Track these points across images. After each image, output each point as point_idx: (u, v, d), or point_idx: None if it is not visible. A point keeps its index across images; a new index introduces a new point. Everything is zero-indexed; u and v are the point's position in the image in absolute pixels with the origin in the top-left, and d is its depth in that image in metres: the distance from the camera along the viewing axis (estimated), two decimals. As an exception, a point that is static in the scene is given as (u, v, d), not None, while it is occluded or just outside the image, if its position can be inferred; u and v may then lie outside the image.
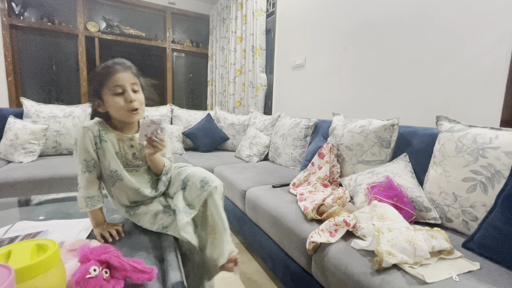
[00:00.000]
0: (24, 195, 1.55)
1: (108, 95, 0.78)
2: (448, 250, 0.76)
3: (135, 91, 0.80)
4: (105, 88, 0.77)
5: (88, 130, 0.79)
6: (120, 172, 0.83)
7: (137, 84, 0.82)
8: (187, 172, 0.86)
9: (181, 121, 2.62)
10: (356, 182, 1.22)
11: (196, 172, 0.85)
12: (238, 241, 1.69)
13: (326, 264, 0.83)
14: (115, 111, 0.79)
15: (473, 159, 0.90)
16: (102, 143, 0.81)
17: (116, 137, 0.83)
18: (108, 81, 0.77)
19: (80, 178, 0.81)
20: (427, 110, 1.35)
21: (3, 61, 2.87)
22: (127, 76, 0.78)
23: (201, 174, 0.84)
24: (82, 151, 0.80)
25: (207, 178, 0.82)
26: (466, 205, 0.89)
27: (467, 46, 1.18)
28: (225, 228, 0.82)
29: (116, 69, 0.77)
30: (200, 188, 0.81)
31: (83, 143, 0.79)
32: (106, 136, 0.82)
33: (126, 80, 0.78)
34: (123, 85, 0.77)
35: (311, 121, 1.87)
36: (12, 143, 1.83)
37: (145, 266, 0.60)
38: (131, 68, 0.81)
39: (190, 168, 0.89)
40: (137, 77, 0.82)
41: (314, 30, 2.12)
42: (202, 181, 0.82)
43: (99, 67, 0.79)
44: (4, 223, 0.88)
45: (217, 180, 0.84)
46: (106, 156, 0.82)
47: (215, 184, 0.82)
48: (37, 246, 0.46)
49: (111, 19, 3.42)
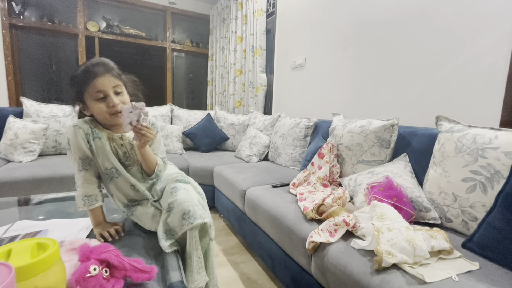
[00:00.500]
0: (24, 195, 1.55)
1: (90, 100, 0.77)
2: (447, 250, 0.76)
3: (118, 93, 0.79)
4: (86, 94, 0.76)
5: (79, 129, 0.79)
6: (117, 168, 0.83)
7: (120, 85, 0.80)
8: (176, 197, 0.79)
9: (181, 121, 2.62)
10: (355, 182, 1.22)
11: (183, 201, 0.77)
12: (238, 241, 1.69)
13: (326, 264, 0.84)
14: (99, 115, 0.79)
15: (472, 159, 0.90)
16: (95, 140, 0.81)
17: (106, 135, 0.83)
18: (89, 87, 0.75)
19: (77, 177, 0.81)
20: (427, 111, 1.35)
21: (3, 61, 2.87)
22: (107, 80, 0.76)
23: (187, 206, 0.76)
24: (76, 150, 0.79)
25: (191, 213, 0.75)
26: (466, 205, 0.90)
27: (467, 46, 1.18)
28: (198, 266, 0.76)
29: (96, 74, 0.75)
30: (182, 220, 0.75)
31: (76, 141, 0.79)
32: (98, 133, 0.81)
33: (107, 85, 0.76)
34: (104, 91, 0.76)
35: (311, 121, 1.87)
36: (12, 143, 1.83)
37: (145, 265, 0.60)
38: (112, 70, 0.79)
39: (181, 194, 0.80)
40: (119, 78, 0.80)
41: (314, 30, 2.12)
42: (185, 214, 0.75)
43: (79, 70, 0.77)
44: (4, 222, 0.88)
45: (201, 217, 0.76)
46: (100, 152, 0.81)
47: (197, 222, 0.74)
48: (37, 245, 0.46)
49: (111, 19, 3.42)
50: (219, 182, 1.83)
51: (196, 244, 0.77)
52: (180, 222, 0.76)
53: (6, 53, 2.87)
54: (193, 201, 0.79)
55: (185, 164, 2.06)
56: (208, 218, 0.79)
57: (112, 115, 0.78)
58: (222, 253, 1.54)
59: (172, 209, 0.78)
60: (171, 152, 2.40)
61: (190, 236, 0.76)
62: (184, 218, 0.75)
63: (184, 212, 0.76)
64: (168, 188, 0.86)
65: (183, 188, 0.83)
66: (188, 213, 0.76)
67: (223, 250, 1.57)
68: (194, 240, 0.76)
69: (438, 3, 1.28)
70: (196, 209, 0.77)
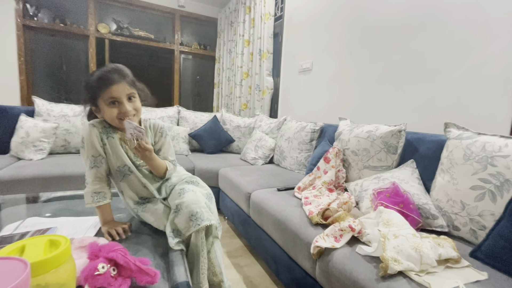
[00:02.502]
0: (33, 192, 1.58)
1: (103, 105, 0.79)
2: (455, 259, 0.75)
3: (131, 100, 0.82)
4: (100, 99, 0.79)
5: (94, 127, 0.82)
6: (129, 166, 0.86)
7: (133, 92, 0.82)
8: (184, 199, 0.81)
9: (188, 123, 2.64)
10: (362, 188, 1.21)
11: (190, 203, 0.79)
12: (242, 243, 1.69)
13: (331, 269, 0.83)
14: (109, 119, 0.81)
15: (481, 167, 0.89)
16: (109, 139, 0.84)
17: (118, 136, 0.86)
18: (103, 93, 0.78)
19: (88, 174, 0.84)
20: (435, 117, 1.34)
21: (16, 60, 2.95)
22: (122, 88, 0.79)
23: (194, 208, 0.78)
24: (90, 147, 0.82)
25: (198, 214, 0.77)
26: (474, 214, 0.88)
27: (476, 52, 1.17)
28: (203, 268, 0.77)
29: (111, 81, 0.77)
30: (189, 221, 0.77)
31: (90, 139, 0.81)
32: (112, 133, 0.84)
33: (121, 92, 0.79)
34: (118, 97, 0.78)
35: (317, 125, 1.87)
36: (23, 141, 1.87)
37: (149, 268, 0.60)
38: (127, 77, 0.81)
39: (189, 195, 0.82)
40: (132, 86, 0.82)
41: (321, 34, 2.13)
42: (192, 216, 0.77)
43: (95, 75, 0.79)
44: (14, 219, 0.90)
45: (208, 219, 0.77)
46: (113, 151, 0.84)
47: (204, 223, 0.76)
48: (49, 241, 0.47)
49: (121, 21, 3.48)
50: (224, 184, 1.84)
51: (202, 246, 0.78)
52: (187, 224, 0.77)
53: (19, 53, 2.95)
54: (200, 203, 0.80)
55: (190, 165, 2.08)
56: (214, 220, 0.80)
57: (121, 120, 0.80)
58: (226, 256, 1.54)
59: (180, 210, 0.79)
60: (177, 153, 2.42)
61: (196, 238, 0.77)
62: (191, 219, 0.77)
63: (192, 213, 0.77)
64: (176, 188, 0.87)
65: (191, 190, 0.85)
66: (195, 214, 0.77)
67: (227, 253, 1.57)
68: (200, 241, 0.77)
69: (447, 8, 1.28)
70: (203, 211, 0.79)
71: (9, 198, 1.16)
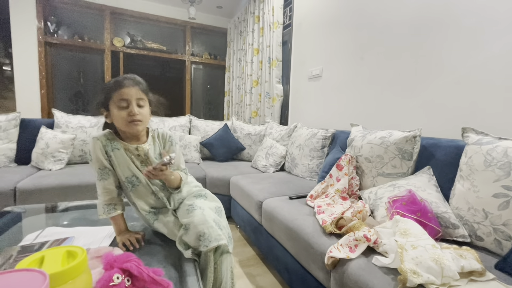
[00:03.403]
0: (52, 201, 1.64)
1: (113, 107, 0.81)
2: (479, 272, 0.71)
3: (140, 106, 0.83)
4: (111, 101, 0.81)
5: (97, 140, 0.84)
6: (138, 176, 0.86)
7: (144, 99, 0.84)
8: (192, 219, 0.80)
9: (199, 131, 2.68)
10: (376, 196, 1.18)
11: (198, 223, 0.79)
12: (254, 252, 1.67)
13: (346, 280, 0.81)
14: (118, 122, 0.82)
15: (504, 173, 0.85)
16: (114, 151, 0.85)
17: (123, 147, 0.86)
18: (115, 94, 0.80)
19: (98, 185, 0.85)
20: (450, 121, 1.30)
21: (37, 76, 3.11)
22: (133, 91, 0.81)
23: (202, 229, 0.78)
24: (95, 160, 0.84)
25: (206, 235, 0.77)
26: (498, 223, 0.84)
27: (494, 52, 1.13)
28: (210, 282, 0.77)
29: (124, 84, 0.80)
30: (198, 241, 0.77)
31: (94, 153, 0.83)
32: (116, 145, 0.85)
33: (132, 95, 0.81)
34: (128, 99, 0.80)
35: (329, 132, 1.85)
36: (43, 152, 1.95)
37: (162, 279, 0.61)
38: (140, 84, 0.84)
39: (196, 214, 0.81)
40: (144, 93, 0.85)
41: (331, 40, 2.13)
42: (201, 237, 0.77)
43: (112, 80, 0.83)
44: (34, 228, 0.94)
45: (216, 240, 0.77)
46: (119, 162, 0.85)
47: (212, 245, 0.76)
48: (67, 252, 0.49)
49: (135, 35, 3.62)
50: (236, 192, 1.84)
51: (210, 263, 0.78)
52: (196, 243, 0.77)
53: (41, 68, 3.11)
54: (209, 223, 0.80)
55: (202, 173, 2.09)
56: (224, 240, 0.79)
57: (129, 123, 0.81)
58: (238, 265, 1.53)
59: (188, 230, 0.80)
60: (189, 161, 2.45)
61: (204, 257, 0.78)
62: (200, 239, 0.77)
63: (200, 234, 0.77)
64: (185, 204, 0.88)
65: (199, 207, 0.85)
66: (203, 235, 0.77)
67: (239, 262, 1.56)
68: (209, 259, 0.78)
69: (459, 9, 1.25)
70: (211, 231, 0.78)
71: (30, 208, 1.21)
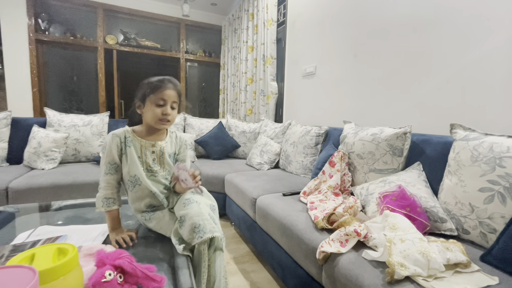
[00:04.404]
0: (45, 200, 1.63)
1: (151, 103, 0.89)
2: (464, 263, 0.73)
3: (173, 108, 0.92)
4: (152, 96, 0.88)
5: (116, 137, 0.89)
6: (139, 176, 0.90)
7: (177, 103, 0.93)
8: (188, 211, 0.82)
9: (194, 129, 2.68)
10: (367, 191, 1.20)
11: (194, 215, 0.80)
12: (248, 249, 1.69)
13: (337, 274, 0.82)
14: (150, 117, 0.89)
15: (490, 168, 0.87)
16: (126, 148, 0.90)
17: (139, 143, 0.91)
18: (157, 92, 0.88)
19: (102, 179, 0.89)
20: (441, 118, 1.32)
21: (29, 74, 3.06)
22: (172, 94, 0.91)
23: (197, 221, 0.79)
24: (108, 154, 0.88)
25: (201, 227, 0.78)
26: (484, 216, 0.86)
27: (482, 50, 1.16)
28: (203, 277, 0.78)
29: (168, 86, 0.90)
30: (192, 233, 0.79)
31: (110, 147, 0.88)
32: (131, 142, 0.90)
33: (171, 97, 0.90)
34: (166, 100, 0.89)
35: (322, 129, 1.87)
36: (36, 151, 1.93)
37: (155, 274, 0.62)
38: (178, 89, 0.93)
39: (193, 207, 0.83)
40: (179, 98, 0.94)
41: (324, 38, 2.14)
42: (195, 228, 0.78)
43: (155, 78, 0.92)
44: (27, 227, 0.93)
45: (210, 232, 0.78)
46: (128, 160, 0.90)
47: (207, 236, 0.77)
48: (58, 249, 0.49)
49: (129, 32, 3.58)
50: (230, 189, 1.85)
51: (204, 257, 0.79)
52: (191, 235, 0.79)
53: (32, 66, 3.06)
54: (204, 215, 0.81)
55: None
56: (218, 232, 0.81)
57: (160, 121, 0.89)
58: (232, 262, 1.54)
59: (184, 222, 0.81)
60: (184, 159, 2.45)
61: (198, 249, 0.79)
62: (194, 231, 0.78)
63: (195, 226, 0.79)
64: (182, 198, 0.90)
65: (195, 201, 0.87)
66: (198, 227, 0.79)
67: (233, 259, 1.57)
68: (202, 252, 0.79)
69: (450, 8, 1.27)
70: (206, 223, 0.80)
71: (22, 207, 1.20)
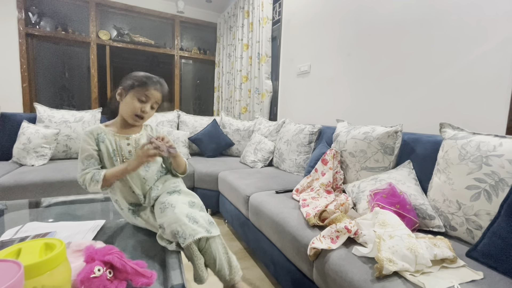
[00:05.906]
0: (35, 197, 1.60)
1: (133, 95, 0.89)
2: (451, 259, 0.75)
3: (152, 108, 0.93)
4: (137, 89, 0.89)
5: (90, 133, 0.90)
6: None
7: (158, 104, 0.95)
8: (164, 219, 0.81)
9: (188, 127, 2.66)
10: (359, 189, 1.22)
11: (171, 223, 0.79)
12: (241, 246, 1.69)
13: (327, 270, 0.83)
14: (127, 109, 0.90)
15: (476, 166, 0.89)
16: (100, 145, 0.89)
17: (113, 136, 0.91)
18: (143, 88, 0.89)
19: (79, 175, 0.88)
20: (432, 117, 1.35)
21: (18, 68, 2.99)
22: (157, 96, 0.92)
23: (175, 228, 0.78)
24: (84, 150, 0.89)
25: (180, 233, 0.77)
26: (470, 213, 0.88)
27: (471, 51, 1.18)
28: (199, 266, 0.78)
29: (156, 87, 0.91)
30: (174, 238, 0.79)
31: (84, 142, 0.89)
32: (105, 137, 0.90)
33: (154, 97, 0.92)
34: (149, 98, 0.91)
35: (315, 128, 1.88)
36: (25, 147, 1.90)
37: (145, 270, 0.61)
38: (164, 93, 0.95)
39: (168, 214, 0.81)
40: (162, 101, 0.96)
41: (319, 37, 2.15)
42: (176, 235, 0.78)
43: (146, 74, 0.92)
44: (15, 224, 0.92)
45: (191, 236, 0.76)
46: (103, 157, 0.90)
47: (188, 241, 0.76)
48: (45, 245, 0.49)
49: (122, 28, 3.53)
50: (224, 187, 1.85)
51: (195, 254, 0.79)
52: (175, 239, 0.79)
53: (22, 61, 3.00)
54: (181, 221, 0.79)
55: (190, 169, 2.09)
56: (200, 234, 0.78)
57: (135, 116, 0.90)
58: (225, 259, 1.54)
59: (164, 230, 0.81)
60: (177, 157, 2.43)
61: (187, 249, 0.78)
62: (175, 238, 0.78)
63: (174, 232, 0.78)
64: (159, 202, 0.88)
65: (170, 205, 0.84)
66: (178, 233, 0.78)
67: (226, 256, 1.57)
68: (192, 251, 0.78)
69: (441, 10, 1.29)
70: (185, 228, 0.78)
71: (11, 204, 1.18)
